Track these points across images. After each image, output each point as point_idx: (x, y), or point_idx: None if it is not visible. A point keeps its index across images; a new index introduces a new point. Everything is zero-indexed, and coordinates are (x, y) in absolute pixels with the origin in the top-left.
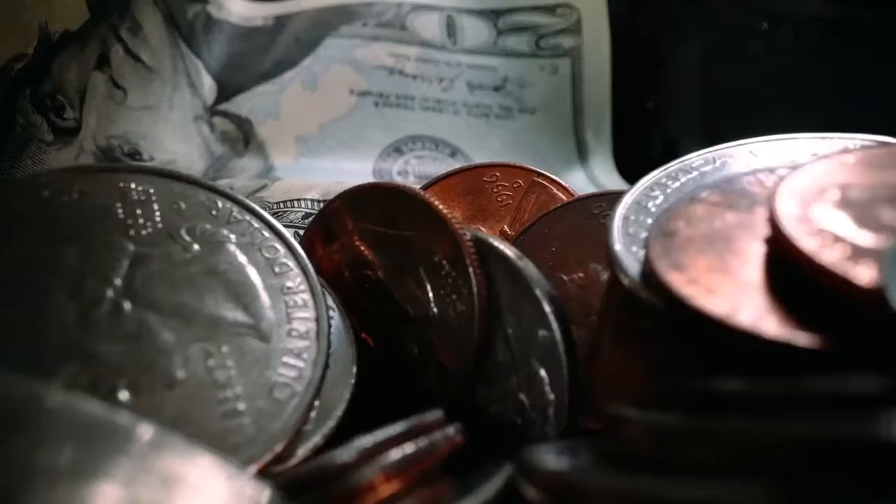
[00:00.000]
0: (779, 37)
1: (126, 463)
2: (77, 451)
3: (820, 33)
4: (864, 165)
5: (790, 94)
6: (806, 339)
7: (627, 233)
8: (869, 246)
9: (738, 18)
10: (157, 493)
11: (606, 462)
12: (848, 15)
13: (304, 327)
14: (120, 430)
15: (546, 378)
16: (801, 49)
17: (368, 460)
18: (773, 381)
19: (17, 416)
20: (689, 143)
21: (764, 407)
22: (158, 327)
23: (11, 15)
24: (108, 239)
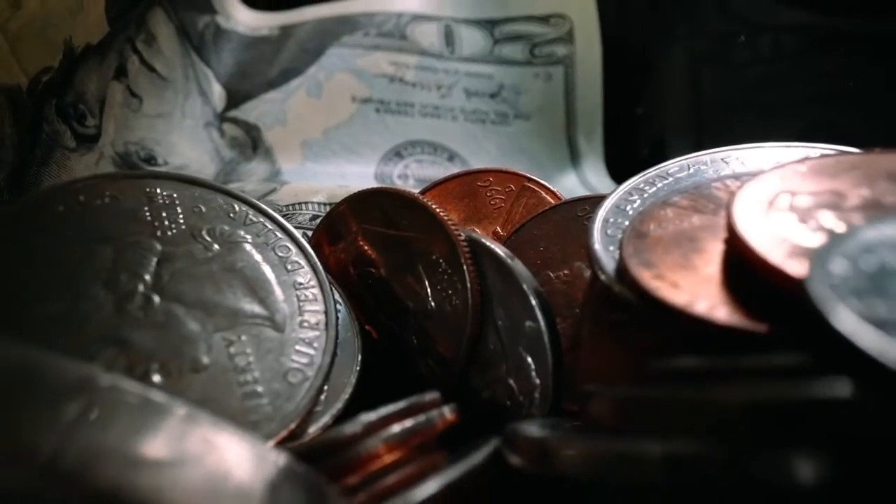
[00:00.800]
0: (761, 45)
1: (165, 431)
2: (126, 421)
3: (800, 42)
4: (815, 173)
5: (772, 101)
6: (751, 326)
7: (606, 234)
8: (808, 246)
9: (722, 28)
10: (193, 455)
11: (578, 430)
12: (826, 24)
13: (314, 319)
14: (159, 405)
15: (532, 365)
16: (782, 57)
17: (373, 433)
18: (720, 358)
19: (76, 391)
20: (677, 147)
21: (710, 379)
22: (184, 318)
23: (40, 32)
24: (137, 239)
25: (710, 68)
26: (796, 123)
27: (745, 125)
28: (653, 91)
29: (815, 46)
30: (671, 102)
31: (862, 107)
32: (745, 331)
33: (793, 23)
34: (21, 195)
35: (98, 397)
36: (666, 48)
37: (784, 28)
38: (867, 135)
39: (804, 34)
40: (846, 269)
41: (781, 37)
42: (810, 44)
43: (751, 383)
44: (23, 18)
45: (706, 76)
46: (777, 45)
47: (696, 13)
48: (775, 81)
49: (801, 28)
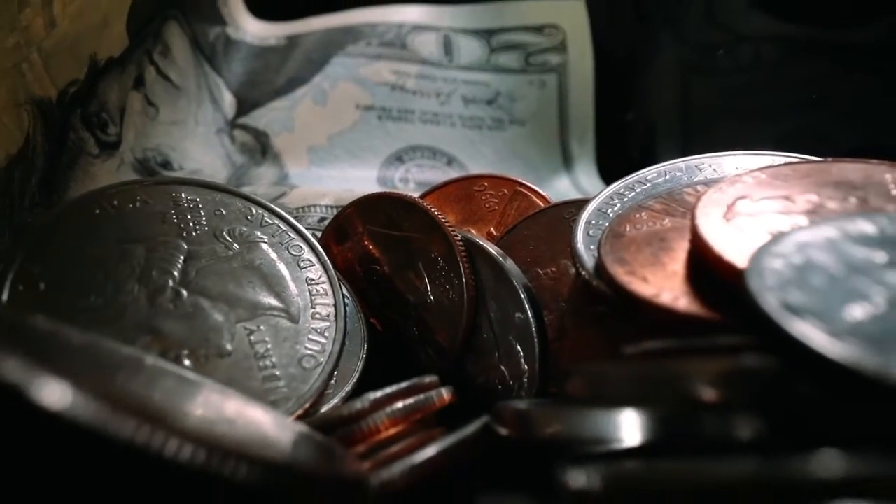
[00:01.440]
0: (743, 54)
1: (202, 397)
2: (169, 385)
3: (780, 51)
4: (772, 180)
5: (753, 107)
6: (707, 314)
7: (588, 234)
8: (755, 245)
9: (707, 38)
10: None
11: (555, 403)
12: (804, 34)
13: (325, 311)
14: (196, 380)
15: (521, 352)
16: (763, 65)
17: (378, 409)
18: (677, 340)
19: (127, 364)
20: (665, 151)
21: (669, 356)
22: (210, 310)
23: (70, 48)
24: (166, 239)
25: (696, 76)
26: (776, 129)
27: (728, 131)
28: (641, 98)
29: (793, 55)
30: (659, 109)
31: (838, 113)
32: (702, 318)
33: (773, 33)
34: (50, 197)
35: (144, 370)
36: (654, 57)
37: (765, 38)
38: (844, 139)
39: (783, 44)
40: (778, 264)
41: (762, 46)
42: (789, 53)
43: (698, 359)
44: (56, 37)
45: (692, 84)
46: (758, 54)
47: (682, 24)
48: (756, 89)
49: (780, 38)
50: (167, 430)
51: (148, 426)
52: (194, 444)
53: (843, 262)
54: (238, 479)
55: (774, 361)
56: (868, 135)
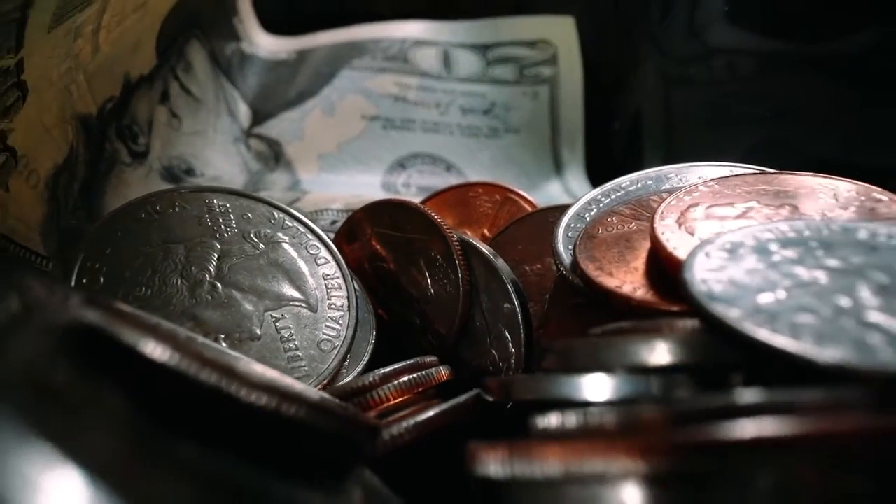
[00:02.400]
0: (720, 67)
1: (243, 362)
2: (215, 351)
3: (753, 64)
4: (722, 189)
5: (728, 117)
6: (660, 302)
7: (567, 236)
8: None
9: (687, 53)
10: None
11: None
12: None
13: (339, 302)
14: (239, 357)
15: (509, 338)
16: (737, 78)
17: (386, 382)
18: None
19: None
20: (649, 157)
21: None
22: (241, 300)
23: (108, 69)
24: (202, 240)
25: (677, 88)
26: (749, 138)
27: (706, 139)
28: (627, 108)
29: (766, 68)
30: (643, 118)
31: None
32: (655, 305)
33: (748, 47)
34: (90, 201)
35: (203, 343)
36: (638, 71)
37: (739, 52)
38: (811, 148)
39: (757, 57)
40: (707, 261)
41: (737, 60)
42: (762, 66)
43: (645, 336)
44: (98, 60)
45: (673, 95)
46: (733, 67)
47: (664, 40)
48: (731, 100)
49: (754, 52)
50: (239, 378)
51: (226, 375)
52: (261, 390)
53: (762, 258)
54: (296, 418)
55: (703, 338)
56: (835, 144)
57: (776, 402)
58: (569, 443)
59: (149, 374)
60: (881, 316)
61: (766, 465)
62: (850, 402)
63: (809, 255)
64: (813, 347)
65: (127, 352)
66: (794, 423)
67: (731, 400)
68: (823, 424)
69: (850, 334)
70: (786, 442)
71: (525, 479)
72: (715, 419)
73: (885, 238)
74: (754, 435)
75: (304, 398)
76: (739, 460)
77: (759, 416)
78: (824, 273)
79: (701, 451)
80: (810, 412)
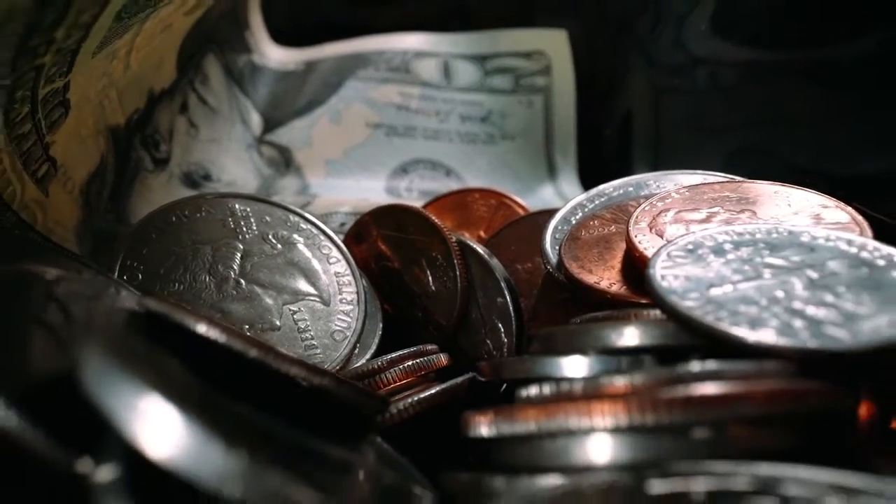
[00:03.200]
0: (704, 76)
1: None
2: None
3: (735, 73)
4: (692, 195)
5: (712, 125)
6: (632, 296)
7: (554, 238)
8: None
9: (674, 62)
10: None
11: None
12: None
13: (349, 297)
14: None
15: (502, 329)
16: (721, 87)
17: (392, 366)
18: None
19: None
20: (638, 163)
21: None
22: (263, 295)
23: (136, 84)
24: (227, 241)
25: (665, 96)
26: (732, 145)
27: (691, 145)
28: (617, 115)
29: (748, 77)
30: (633, 125)
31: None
32: (627, 298)
33: (731, 57)
34: (117, 205)
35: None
36: (627, 80)
37: (723, 62)
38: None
39: (739, 67)
40: (668, 259)
41: (720, 69)
42: (744, 75)
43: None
44: (128, 77)
45: (661, 103)
46: (716, 76)
47: (653, 51)
48: (715, 108)
49: (737, 62)
50: (276, 354)
51: (265, 351)
52: (293, 364)
53: (717, 257)
54: (321, 387)
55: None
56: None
57: (712, 371)
58: (542, 406)
59: (202, 350)
60: (806, 305)
61: (705, 421)
62: (770, 372)
63: (757, 255)
64: (747, 331)
65: (185, 331)
66: (725, 385)
67: (678, 370)
68: (747, 387)
69: (779, 320)
70: (717, 400)
71: (507, 436)
72: (665, 385)
73: (823, 241)
74: (694, 394)
75: (327, 372)
76: (683, 416)
77: (699, 382)
78: (768, 270)
79: (652, 409)
80: (739, 379)
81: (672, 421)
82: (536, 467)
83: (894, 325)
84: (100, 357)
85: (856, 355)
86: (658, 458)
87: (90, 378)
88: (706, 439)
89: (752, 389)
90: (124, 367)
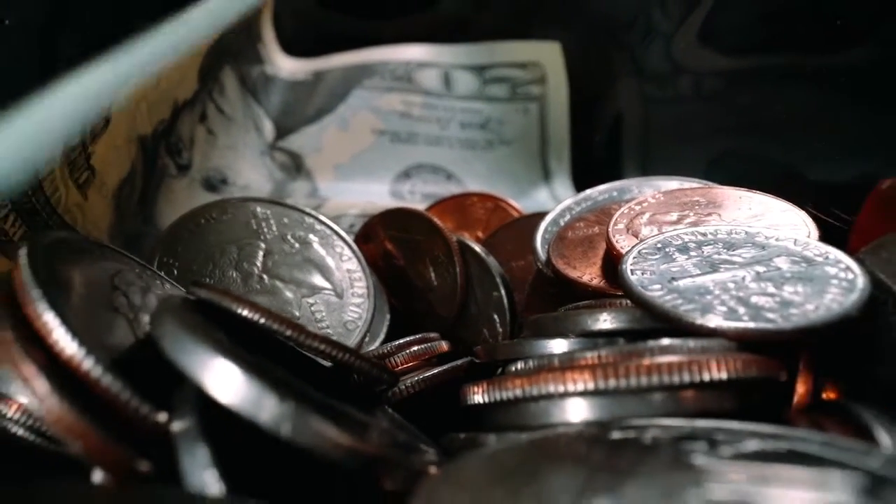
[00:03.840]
0: (688, 85)
1: None
2: None
3: (718, 82)
4: (666, 200)
5: (696, 131)
6: (609, 289)
7: (545, 238)
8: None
9: (663, 72)
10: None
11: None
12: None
13: (360, 291)
14: None
15: (498, 320)
16: (704, 95)
17: (399, 351)
18: (588, 302)
19: None
20: (627, 167)
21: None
22: (283, 290)
23: (163, 97)
24: (250, 241)
25: (652, 104)
26: (716, 151)
27: (676, 151)
28: (608, 122)
29: (731, 87)
30: (623, 131)
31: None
32: (606, 290)
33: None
34: (144, 209)
35: None
36: (617, 89)
37: (708, 71)
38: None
39: (724, 76)
40: (637, 256)
41: (706, 78)
42: (729, 84)
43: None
44: (158, 92)
45: (649, 110)
46: (702, 84)
47: (643, 60)
48: (701, 115)
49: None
50: (305, 332)
51: (297, 329)
52: (320, 340)
53: (681, 254)
54: (343, 360)
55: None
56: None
57: (666, 346)
58: (526, 376)
59: (243, 330)
60: (751, 294)
61: (660, 387)
62: (715, 348)
63: (716, 252)
64: (699, 316)
65: (230, 314)
66: (675, 357)
67: (637, 346)
68: (693, 358)
69: (727, 306)
70: (669, 367)
71: (497, 401)
72: (627, 357)
73: (773, 240)
74: (650, 363)
75: (349, 348)
76: (641, 381)
77: (657, 356)
78: (724, 265)
79: (615, 376)
80: (688, 353)
81: (632, 385)
82: (522, 426)
83: (818, 310)
84: (177, 330)
85: (786, 335)
86: (621, 417)
87: (174, 347)
88: (660, 401)
89: (698, 359)
90: (196, 337)
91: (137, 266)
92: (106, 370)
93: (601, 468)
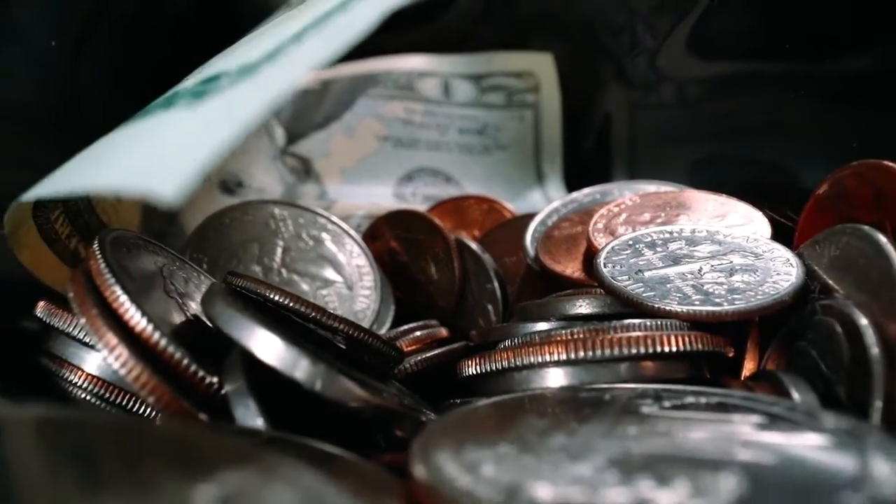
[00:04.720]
0: (673, 92)
1: None
2: None
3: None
4: (642, 202)
5: (680, 136)
6: (587, 280)
7: (534, 237)
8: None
9: (650, 80)
10: None
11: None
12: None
13: (368, 284)
14: None
15: (491, 310)
16: (688, 102)
17: (403, 335)
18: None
19: None
20: (616, 171)
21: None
22: (300, 282)
23: None
24: (269, 239)
25: (640, 111)
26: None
27: (661, 155)
28: (597, 128)
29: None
30: (611, 136)
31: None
32: (585, 282)
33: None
34: (171, 214)
35: None
36: (607, 97)
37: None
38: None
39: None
40: (610, 251)
41: (691, 85)
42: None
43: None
44: None
45: (637, 116)
46: (682, 92)
47: (629, 70)
48: (686, 121)
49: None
50: (325, 313)
51: (318, 310)
52: (338, 320)
53: (649, 249)
54: (358, 337)
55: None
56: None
57: (628, 325)
58: (512, 350)
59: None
60: (705, 284)
61: (623, 357)
62: (669, 327)
63: (679, 248)
64: (658, 300)
65: (263, 298)
66: (636, 333)
67: (605, 325)
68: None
69: (682, 293)
70: (630, 341)
71: (487, 372)
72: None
73: (730, 238)
74: (614, 337)
75: (363, 328)
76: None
77: (620, 332)
78: (686, 259)
79: (585, 347)
80: (647, 330)
81: (599, 356)
82: (508, 392)
83: (758, 296)
84: (229, 308)
85: (729, 316)
86: (591, 383)
87: (228, 322)
88: (623, 370)
89: (654, 335)
90: (244, 314)
91: (177, 259)
92: (170, 342)
93: (566, 417)
